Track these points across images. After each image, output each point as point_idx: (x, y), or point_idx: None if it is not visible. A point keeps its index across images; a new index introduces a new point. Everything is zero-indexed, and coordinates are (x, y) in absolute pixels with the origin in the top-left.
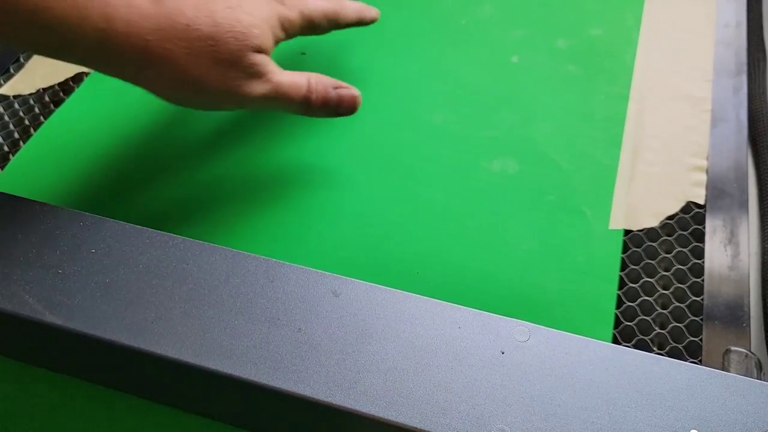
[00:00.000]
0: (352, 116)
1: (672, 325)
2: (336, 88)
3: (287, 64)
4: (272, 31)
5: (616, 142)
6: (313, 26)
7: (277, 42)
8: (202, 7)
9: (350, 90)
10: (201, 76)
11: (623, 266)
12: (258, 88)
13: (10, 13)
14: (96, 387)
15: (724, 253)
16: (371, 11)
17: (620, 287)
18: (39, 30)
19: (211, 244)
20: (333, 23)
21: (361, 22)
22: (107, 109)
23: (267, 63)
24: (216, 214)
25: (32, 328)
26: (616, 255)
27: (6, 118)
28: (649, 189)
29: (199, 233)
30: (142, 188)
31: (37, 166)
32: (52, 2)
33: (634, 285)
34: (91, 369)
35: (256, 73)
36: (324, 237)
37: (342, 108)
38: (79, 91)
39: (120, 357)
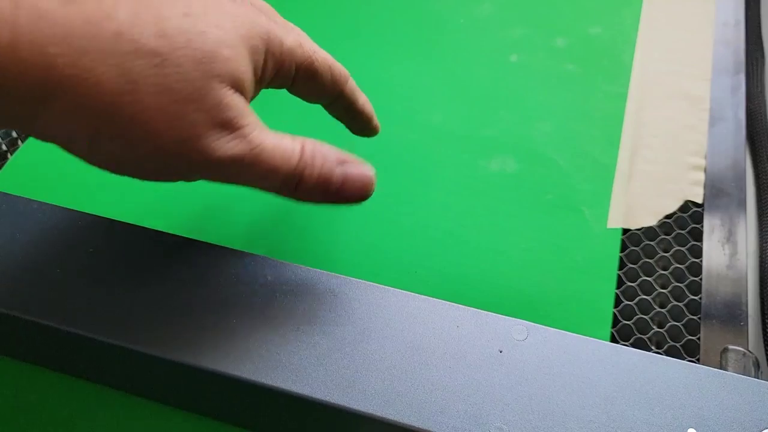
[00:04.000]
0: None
1: (670, 323)
2: (342, 163)
3: None
4: (253, 56)
5: (614, 141)
6: (311, 70)
7: (261, 78)
8: (143, 9)
9: (361, 167)
10: (138, 115)
11: (621, 265)
12: (227, 146)
13: None
14: (94, 386)
15: (722, 251)
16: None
17: (618, 286)
18: None
19: (210, 243)
20: (336, 85)
21: (364, 121)
22: None
23: (243, 109)
24: (215, 213)
25: (31, 329)
26: (614, 254)
27: None
28: (647, 188)
29: (198, 232)
30: (141, 187)
31: (36, 165)
32: None
33: (632, 284)
34: (88, 369)
35: (226, 122)
36: (322, 236)
37: (346, 193)
38: None
39: (117, 357)
